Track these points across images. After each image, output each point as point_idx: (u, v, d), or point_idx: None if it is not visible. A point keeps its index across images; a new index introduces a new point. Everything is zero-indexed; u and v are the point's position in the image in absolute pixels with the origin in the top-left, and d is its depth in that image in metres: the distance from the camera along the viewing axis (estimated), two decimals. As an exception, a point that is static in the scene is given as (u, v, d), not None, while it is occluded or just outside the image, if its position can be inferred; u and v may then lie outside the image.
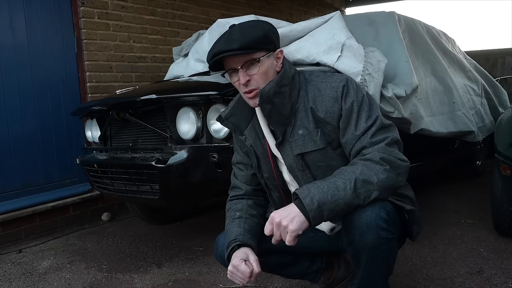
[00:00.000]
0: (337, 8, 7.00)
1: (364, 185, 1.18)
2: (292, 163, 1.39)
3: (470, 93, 3.56)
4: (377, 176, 1.19)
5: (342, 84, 1.32)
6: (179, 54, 3.25)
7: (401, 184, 1.26)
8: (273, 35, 1.34)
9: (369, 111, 1.30)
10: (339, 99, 1.31)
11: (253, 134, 1.47)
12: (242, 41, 1.26)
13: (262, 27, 1.32)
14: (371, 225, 1.20)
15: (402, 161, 1.25)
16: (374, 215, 1.20)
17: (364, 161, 1.22)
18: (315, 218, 1.16)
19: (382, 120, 1.30)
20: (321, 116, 1.32)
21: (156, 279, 2.19)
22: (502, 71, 7.38)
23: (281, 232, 1.18)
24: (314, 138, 1.34)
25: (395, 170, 1.22)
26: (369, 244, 1.22)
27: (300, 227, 1.16)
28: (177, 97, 2.12)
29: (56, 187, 3.28)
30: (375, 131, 1.27)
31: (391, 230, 1.23)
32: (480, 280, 1.94)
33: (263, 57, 1.30)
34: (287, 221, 1.16)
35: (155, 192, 2.19)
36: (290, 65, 1.38)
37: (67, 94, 3.34)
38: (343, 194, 1.17)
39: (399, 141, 1.29)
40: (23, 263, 2.55)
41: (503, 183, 2.30)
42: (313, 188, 1.18)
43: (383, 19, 2.73)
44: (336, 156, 1.36)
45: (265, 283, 2.02)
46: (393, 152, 1.24)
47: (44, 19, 3.18)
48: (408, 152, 1.36)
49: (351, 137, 1.30)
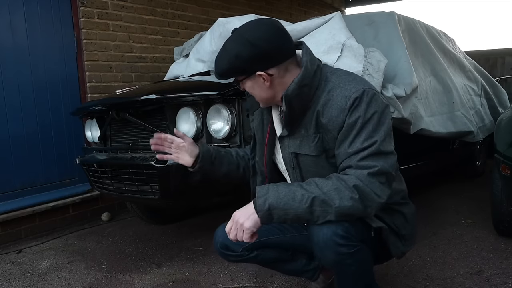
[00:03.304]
0: (337, 8, 7.00)
1: (322, 205, 1.18)
2: (286, 157, 1.41)
3: (470, 93, 3.56)
4: (341, 201, 1.16)
5: (355, 95, 1.22)
6: (180, 54, 3.25)
7: (368, 215, 1.23)
8: (246, 61, 1.25)
9: (372, 132, 1.21)
10: (345, 111, 1.22)
11: (259, 119, 1.50)
12: (222, 69, 1.29)
13: (228, 57, 1.26)
14: (328, 243, 1.21)
15: (377, 196, 1.19)
16: (330, 232, 1.20)
17: (338, 181, 1.19)
18: (263, 219, 1.21)
19: (380, 146, 1.20)
20: (323, 122, 1.28)
21: (156, 279, 2.19)
22: (502, 71, 7.39)
23: (238, 229, 1.23)
24: (310, 144, 1.32)
25: (364, 202, 1.17)
26: (331, 261, 1.25)
27: (254, 225, 1.21)
28: (177, 97, 2.12)
29: (56, 187, 3.28)
30: (367, 155, 1.19)
31: (351, 244, 1.22)
32: (480, 280, 1.94)
33: (244, 79, 1.32)
34: (243, 218, 1.22)
35: (155, 192, 2.19)
36: (312, 60, 1.30)
37: (67, 94, 3.34)
38: (296, 206, 1.18)
39: (388, 173, 1.21)
40: (23, 263, 2.55)
41: (503, 183, 2.30)
42: (271, 190, 1.22)
43: (383, 19, 2.73)
44: (328, 166, 1.32)
45: (265, 283, 2.02)
46: (372, 184, 1.18)
47: (44, 19, 3.18)
48: (408, 152, 1.35)
49: (342, 152, 1.24)
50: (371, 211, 1.21)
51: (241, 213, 1.24)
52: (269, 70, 1.27)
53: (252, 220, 1.21)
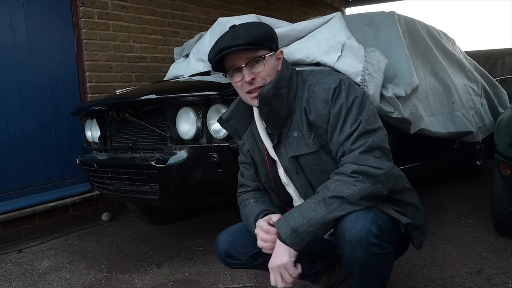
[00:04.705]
0: (337, 8, 7.00)
1: (335, 200, 1.19)
2: (287, 165, 1.39)
3: (470, 93, 3.56)
4: (348, 189, 1.19)
5: (334, 86, 1.28)
6: (180, 54, 3.25)
7: (382, 191, 1.23)
8: (275, 35, 1.34)
9: (357, 115, 1.26)
10: (329, 101, 1.28)
11: (251, 139, 1.47)
12: (249, 37, 1.24)
13: (265, 26, 1.32)
14: (361, 241, 1.19)
15: (376, 169, 1.21)
16: (365, 231, 1.19)
17: (337, 176, 1.23)
18: (293, 244, 1.21)
19: (366, 124, 1.25)
20: (311, 119, 1.31)
21: (156, 279, 2.19)
22: (502, 71, 7.39)
23: (282, 272, 1.23)
24: (307, 141, 1.33)
25: (369, 180, 1.20)
26: (359, 259, 1.22)
27: (289, 255, 1.22)
28: (177, 97, 2.12)
29: (56, 187, 3.28)
30: (356, 137, 1.24)
31: (383, 244, 1.22)
32: (480, 280, 1.94)
33: (267, 55, 1.29)
34: (279, 259, 1.23)
35: (155, 192, 2.19)
36: (288, 65, 1.37)
37: (67, 94, 3.34)
38: (313, 214, 1.20)
39: (381, 146, 1.25)
40: (23, 263, 2.55)
41: (503, 183, 2.30)
42: (287, 217, 1.24)
43: (383, 19, 2.73)
44: (329, 160, 1.34)
45: (265, 283, 2.02)
46: (367, 160, 1.21)
47: (44, 19, 3.18)
48: (408, 152, 1.35)
49: (335, 142, 1.28)
50: (381, 186, 1.22)
51: (274, 258, 1.25)
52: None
53: (285, 253, 1.22)
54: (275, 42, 1.32)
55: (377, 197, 1.24)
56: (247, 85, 1.31)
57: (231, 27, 1.31)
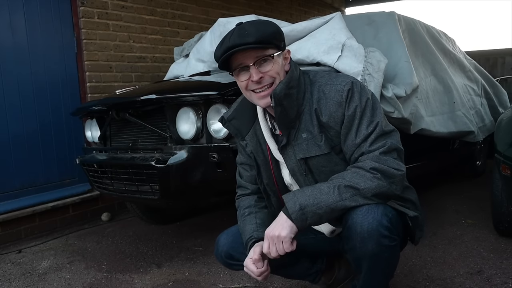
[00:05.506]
0: (337, 8, 7.00)
1: (350, 190, 1.20)
2: (294, 167, 1.38)
3: (470, 93, 3.56)
4: (365, 183, 1.19)
5: (347, 88, 1.28)
6: (180, 54, 3.25)
7: (395, 192, 1.24)
8: (283, 34, 1.33)
9: (372, 117, 1.27)
10: (343, 104, 1.27)
11: (254, 140, 1.45)
12: (258, 35, 1.22)
13: (273, 24, 1.30)
14: (372, 233, 1.19)
15: (395, 170, 1.22)
16: (376, 223, 1.18)
17: (355, 168, 1.23)
18: (297, 221, 1.20)
19: (383, 126, 1.26)
20: (324, 121, 1.30)
21: (156, 279, 2.19)
22: (502, 71, 7.39)
23: (276, 243, 1.23)
24: (319, 143, 1.32)
25: (387, 179, 1.20)
26: (370, 251, 1.21)
27: (290, 231, 1.21)
28: (177, 97, 2.12)
29: (56, 187, 3.28)
30: (374, 139, 1.25)
31: (393, 237, 1.22)
32: (480, 280, 1.94)
33: (276, 54, 1.27)
34: (278, 230, 1.22)
35: (155, 192, 2.18)
36: (296, 66, 1.36)
37: (67, 94, 3.34)
38: (325, 198, 1.20)
39: (398, 148, 1.26)
40: (23, 263, 2.55)
41: (503, 183, 2.30)
42: (298, 193, 1.24)
43: (383, 19, 2.73)
44: (339, 161, 1.34)
45: (265, 283, 2.02)
46: (387, 161, 1.22)
47: (44, 19, 3.18)
48: (408, 151, 1.35)
49: (351, 144, 1.28)
50: (396, 187, 1.23)
51: (274, 227, 1.24)
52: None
53: (287, 227, 1.21)
54: (283, 41, 1.31)
55: (389, 196, 1.25)
56: (253, 84, 1.28)
57: (237, 24, 1.29)
